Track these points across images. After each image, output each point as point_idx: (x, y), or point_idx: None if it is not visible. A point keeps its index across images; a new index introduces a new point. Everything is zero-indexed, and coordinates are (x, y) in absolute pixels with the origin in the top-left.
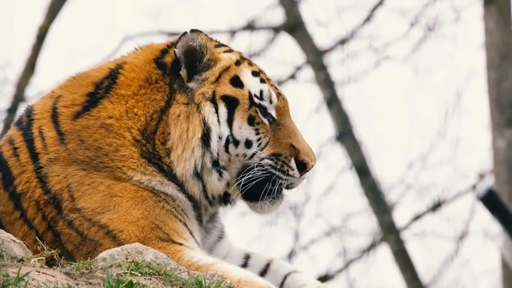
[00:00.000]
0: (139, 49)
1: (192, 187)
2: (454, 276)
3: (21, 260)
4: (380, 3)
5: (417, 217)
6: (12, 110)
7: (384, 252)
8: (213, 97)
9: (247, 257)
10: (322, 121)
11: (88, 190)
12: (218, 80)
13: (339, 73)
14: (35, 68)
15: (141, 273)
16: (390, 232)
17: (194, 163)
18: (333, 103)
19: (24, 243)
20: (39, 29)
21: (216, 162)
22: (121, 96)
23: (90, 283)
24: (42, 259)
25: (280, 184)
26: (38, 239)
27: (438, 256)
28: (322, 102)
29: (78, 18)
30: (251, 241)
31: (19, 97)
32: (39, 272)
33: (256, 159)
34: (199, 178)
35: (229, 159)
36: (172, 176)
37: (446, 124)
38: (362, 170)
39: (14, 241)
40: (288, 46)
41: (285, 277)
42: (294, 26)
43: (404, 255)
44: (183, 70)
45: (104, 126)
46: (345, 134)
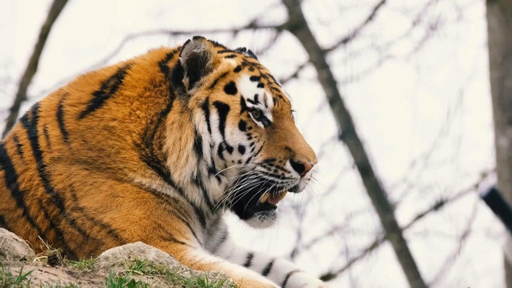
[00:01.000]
0: (149, 51)
1: (192, 194)
2: (457, 275)
3: (23, 259)
4: (382, 2)
5: (420, 216)
6: (14, 109)
7: (387, 251)
8: (206, 103)
9: (250, 256)
10: (324, 120)
11: (90, 190)
12: (213, 86)
13: (342, 72)
14: (38, 67)
15: (144, 272)
16: (393, 231)
17: (190, 171)
18: (336, 102)
19: (26, 241)
20: (41, 28)
21: (212, 169)
22: (126, 97)
23: (92, 282)
24: (44, 258)
25: (275, 189)
26: (41, 238)
27: (441, 255)
28: (324, 101)
29: (80, 17)
30: (254, 240)
31: (21, 96)
32: (41, 271)
33: (251, 165)
34: (198, 185)
35: (225, 165)
36: (171, 181)
37: (448, 123)
38: (364, 169)
39: (17, 240)
40: (291, 45)
41: (288, 276)
42: (297, 25)
43: (406, 254)
44: (186, 78)
45: (107, 128)
46: (348, 133)
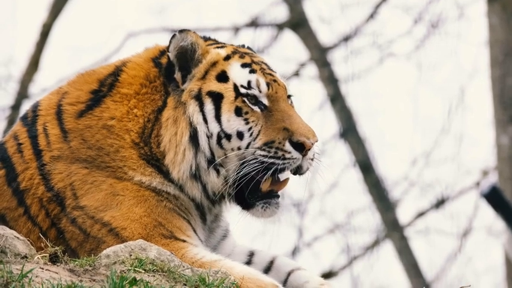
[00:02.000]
0: (145, 49)
1: (192, 189)
2: (458, 273)
3: (24, 257)
4: (384, 0)
5: (421, 214)
6: (15, 107)
7: (388, 249)
8: (199, 94)
9: (251, 254)
10: (325, 118)
11: (91, 188)
12: (205, 77)
13: (343, 70)
14: (39, 65)
15: (145, 270)
16: (394, 229)
17: (189, 165)
18: (337, 100)
19: (28, 240)
20: (42, 26)
21: (212, 160)
22: (123, 95)
23: (93, 280)
24: (45, 256)
25: (276, 171)
26: (42, 236)
27: (442, 253)
28: (325, 99)
29: (81, 15)
30: (255, 238)
31: (22, 94)
32: (42, 269)
33: (251, 149)
34: (197, 179)
35: (225, 155)
36: (171, 178)
37: (449, 121)
38: (366, 167)
39: (18, 238)
40: (292, 43)
41: (289, 274)
42: (298, 23)
43: (407, 252)
44: (177, 73)
45: (106, 127)
46: (349, 131)
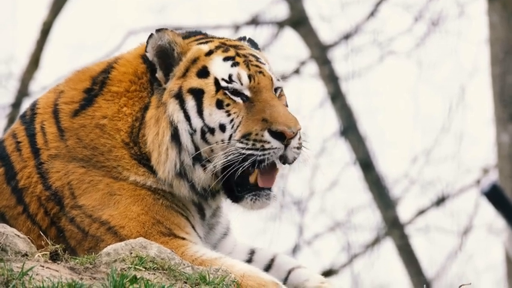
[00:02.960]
0: (138, 45)
1: (179, 188)
2: (458, 271)
3: (25, 255)
4: None
5: (421, 212)
6: (16, 105)
7: (388, 247)
8: (179, 92)
9: (252, 252)
10: (326, 116)
11: (88, 188)
12: (186, 74)
13: (343, 68)
14: (39, 63)
15: (145, 268)
16: (394, 227)
17: (173, 164)
18: (337, 98)
19: (28, 238)
20: (43, 24)
21: (197, 157)
22: (114, 93)
23: (94, 278)
24: (46, 254)
25: (257, 162)
26: (42, 234)
27: (442, 251)
28: (326, 97)
29: (82, 13)
30: (255, 235)
31: (23, 92)
32: (43, 267)
33: (233, 142)
34: (183, 177)
35: (211, 149)
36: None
37: (450, 119)
38: (366, 165)
39: (18, 236)
40: (292, 41)
41: (289, 272)
42: (298, 21)
43: (408, 250)
44: (159, 73)
45: (99, 126)
46: (349, 129)
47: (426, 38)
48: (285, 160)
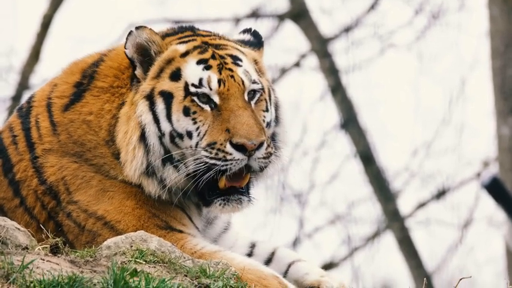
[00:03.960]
0: None
1: (147, 186)
2: (459, 263)
3: (25, 248)
4: None
5: (421, 205)
6: (16, 98)
7: (389, 240)
8: (151, 94)
9: (252, 246)
10: (326, 109)
11: (82, 184)
12: (160, 75)
13: (344, 61)
14: (40, 56)
15: (146, 261)
16: (395, 220)
17: (139, 164)
18: (338, 91)
19: (28, 231)
20: (43, 17)
21: (169, 158)
22: (100, 89)
23: (94, 271)
24: (46, 247)
25: (219, 172)
26: (42, 227)
27: (442, 244)
28: (326, 90)
29: (82, 6)
30: (256, 228)
31: (23, 85)
32: (43, 260)
33: (199, 149)
34: (150, 176)
35: (182, 153)
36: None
37: (450, 112)
38: (366, 158)
39: (19, 229)
40: (293, 34)
41: (289, 265)
42: (299, 14)
43: (408, 243)
44: (138, 70)
45: (86, 122)
46: (350, 122)
47: (427, 31)
48: (251, 169)
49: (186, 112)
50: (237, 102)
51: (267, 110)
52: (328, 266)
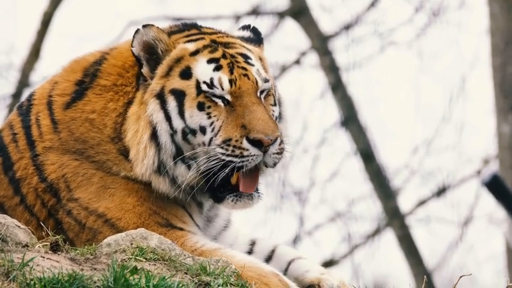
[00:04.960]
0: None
1: (158, 184)
2: (459, 261)
3: (25, 246)
4: None
5: (422, 202)
6: (16, 96)
7: (389, 237)
8: (161, 92)
9: (252, 243)
10: (326, 106)
11: (83, 181)
12: (169, 73)
13: (344, 58)
14: (40, 53)
15: (146, 258)
16: (395, 217)
17: (150, 162)
18: (338, 88)
19: (28, 228)
20: (44, 15)
21: (180, 156)
22: (103, 87)
23: (94, 269)
24: (46, 245)
25: (235, 168)
26: (43, 224)
27: (443, 241)
28: (326, 87)
29: (82, 3)
30: (256, 226)
31: (23, 82)
32: (43, 258)
33: (213, 145)
34: (162, 174)
35: (193, 149)
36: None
37: (450, 109)
38: (367, 155)
39: (19, 227)
40: (293, 31)
41: (289, 263)
42: (299, 11)
43: (409, 240)
44: (145, 68)
45: (88, 120)
46: (350, 119)
47: (427, 29)
48: (265, 165)
49: (201, 107)
50: (251, 98)
51: (275, 104)
52: (328, 264)
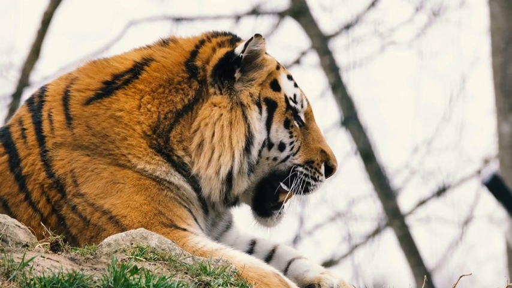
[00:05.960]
0: (166, 45)
1: (213, 189)
2: (459, 261)
3: (25, 246)
4: None
5: (422, 202)
6: (16, 95)
7: (389, 237)
8: (259, 99)
9: (253, 243)
10: (327, 106)
11: (91, 176)
12: (263, 83)
13: (344, 58)
14: (40, 53)
15: (146, 258)
16: (395, 217)
17: (231, 168)
18: (338, 88)
19: (28, 227)
20: (44, 14)
21: (252, 166)
22: (138, 90)
23: (95, 268)
24: (46, 244)
25: (308, 190)
26: (43, 224)
27: (443, 241)
28: (327, 87)
29: (83, 3)
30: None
31: (24, 82)
32: (43, 258)
33: (288, 163)
34: (227, 182)
35: (257, 161)
36: (180, 167)
37: (451, 109)
38: (367, 155)
39: (19, 226)
40: (293, 31)
41: (289, 263)
42: (299, 11)
43: (409, 240)
44: (238, 73)
45: (114, 117)
46: (350, 119)
47: (427, 28)
48: (311, 190)
49: (287, 124)
50: (316, 123)
51: None
52: (328, 263)
